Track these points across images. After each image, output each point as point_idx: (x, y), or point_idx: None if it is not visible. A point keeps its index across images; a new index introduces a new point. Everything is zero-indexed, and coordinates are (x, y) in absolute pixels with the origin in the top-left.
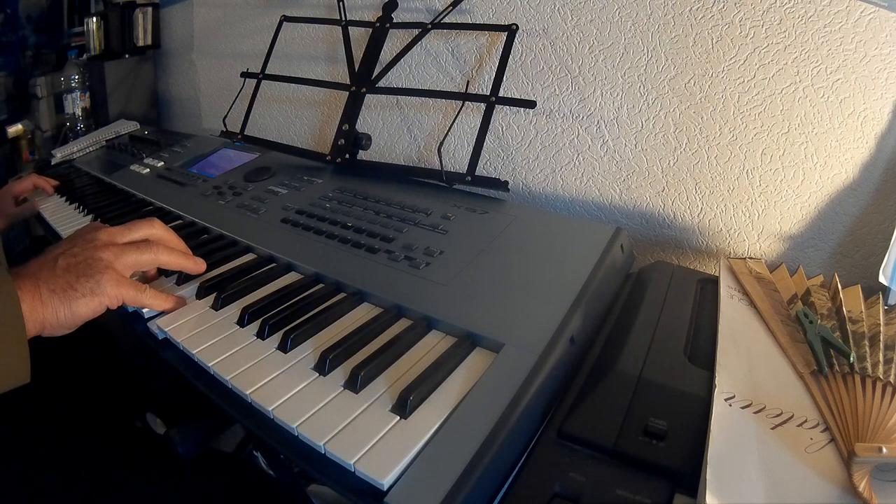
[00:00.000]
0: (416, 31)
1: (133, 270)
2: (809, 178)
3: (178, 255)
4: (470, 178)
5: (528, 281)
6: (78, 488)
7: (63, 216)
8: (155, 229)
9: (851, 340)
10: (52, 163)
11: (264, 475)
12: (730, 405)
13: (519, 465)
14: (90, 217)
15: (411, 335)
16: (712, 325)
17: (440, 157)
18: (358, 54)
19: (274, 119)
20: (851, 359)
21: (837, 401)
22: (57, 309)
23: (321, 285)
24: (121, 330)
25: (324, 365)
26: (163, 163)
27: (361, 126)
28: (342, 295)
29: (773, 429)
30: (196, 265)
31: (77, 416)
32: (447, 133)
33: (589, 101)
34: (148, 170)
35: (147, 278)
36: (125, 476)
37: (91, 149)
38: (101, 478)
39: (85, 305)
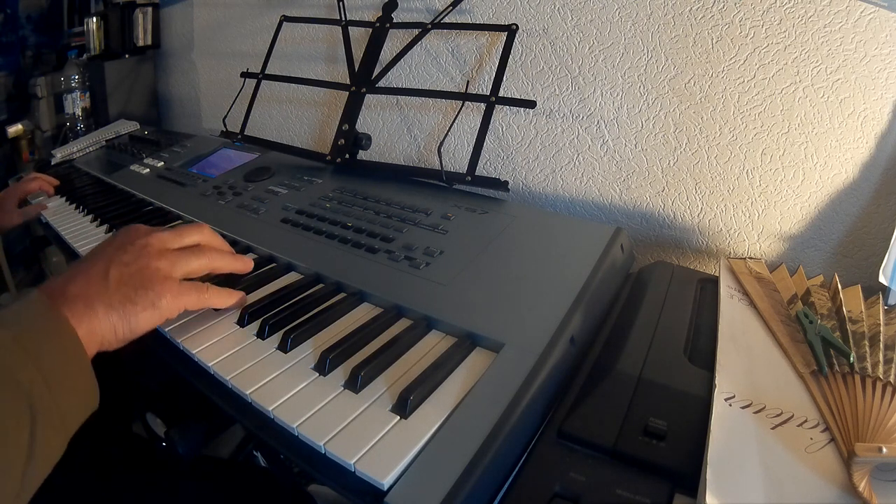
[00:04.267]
0: (416, 31)
1: (188, 277)
2: (809, 178)
3: (229, 259)
4: (470, 178)
5: (528, 281)
6: (77, 492)
7: (63, 216)
8: (205, 234)
9: (851, 340)
10: (52, 163)
11: (264, 476)
12: (730, 405)
13: (519, 465)
14: (90, 217)
15: (411, 335)
16: (712, 325)
17: (440, 157)
18: (358, 54)
19: (274, 119)
20: (851, 359)
21: (837, 401)
22: (115, 325)
23: (321, 285)
24: None
25: (324, 365)
26: (163, 163)
27: (361, 126)
28: (342, 295)
29: (773, 429)
30: (245, 265)
31: None
32: (447, 133)
33: (589, 101)
34: (148, 170)
35: None
36: (125, 480)
37: (91, 149)
38: (100, 481)
39: (146, 320)
